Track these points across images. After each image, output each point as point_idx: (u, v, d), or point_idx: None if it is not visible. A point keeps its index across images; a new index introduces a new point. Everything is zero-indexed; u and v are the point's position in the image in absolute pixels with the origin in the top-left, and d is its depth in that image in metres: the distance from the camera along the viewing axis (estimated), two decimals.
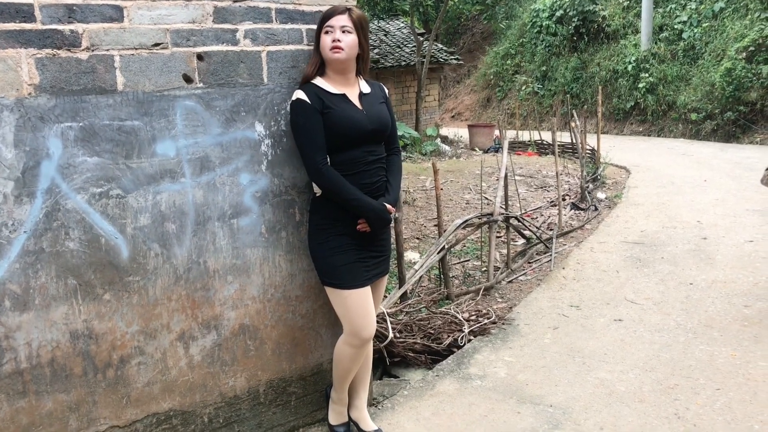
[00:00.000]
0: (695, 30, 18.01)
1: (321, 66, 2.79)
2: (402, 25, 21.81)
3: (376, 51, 18.80)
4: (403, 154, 15.23)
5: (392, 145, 2.98)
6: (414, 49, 18.93)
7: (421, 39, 18.63)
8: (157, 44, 2.57)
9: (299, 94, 2.72)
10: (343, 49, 2.73)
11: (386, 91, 3.01)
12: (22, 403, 2.43)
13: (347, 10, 2.74)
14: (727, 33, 16.82)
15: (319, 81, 2.78)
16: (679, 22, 18.60)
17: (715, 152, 13.36)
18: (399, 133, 15.74)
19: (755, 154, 13.05)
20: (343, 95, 2.77)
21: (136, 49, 2.53)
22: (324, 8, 2.86)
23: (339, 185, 2.73)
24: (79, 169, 2.44)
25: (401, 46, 19.94)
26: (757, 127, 15.38)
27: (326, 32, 2.73)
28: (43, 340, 2.44)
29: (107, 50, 2.46)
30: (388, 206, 2.85)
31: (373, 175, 2.83)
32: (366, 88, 2.89)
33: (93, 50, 2.43)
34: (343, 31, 2.72)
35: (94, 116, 2.46)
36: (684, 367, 3.88)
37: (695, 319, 4.62)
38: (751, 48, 15.29)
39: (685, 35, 18.26)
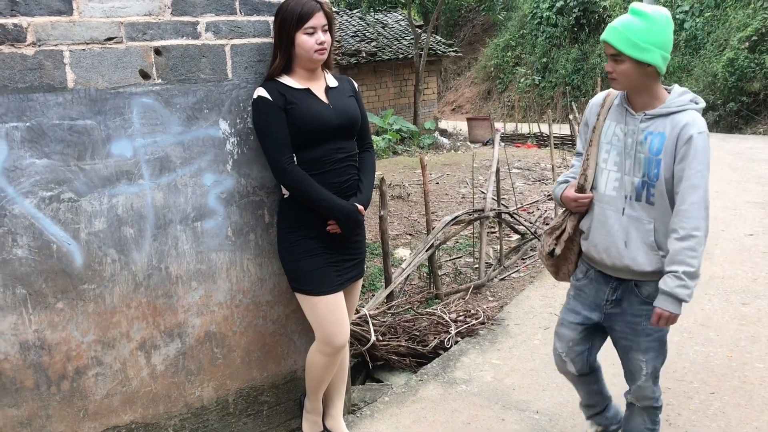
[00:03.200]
0: (697, 20, 17.79)
1: (286, 63, 2.64)
2: (400, 17, 21.60)
3: (373, 44, 18.62)
4: (400, 147, 15.08)
5: (364, 141, 2.84)
6: (412, 41, 18.72)
7: (419, 31, 18.43)
8: (110, 38, 2.43)
9: (260, 92, 2.58)
10: (326, 50, 2.61)
11: (355, 85, 2.86)
12: None
13: (319, 5, 2.58)
14: (730, 22, 16.59)
15: (282, 78, 2.63)
16: (680, 12, 18.37)
17: (717, 143, 13.15)
18: (396, 126, 15.58)
19: (758, 145, 12.87)
20: (307, 90, 2.63)
21: (88, 43, 2.38)
22: None
23: (306, 185, 2.58)
24: (26, 171, 2.31)
25: (399, 38, 19.75)
26: (760, 118, 15.19)
27: (308, 33, 2.57)
28: None
29: (55, 45, 2.32)
30: (359, 206, 2.71)
31: (343, 173, 2.69)
32: (333, 82, 2.74)
33: (40, 45, 2.29)
34: (324, 31, 2.58)
35: (42, 115, 2.32)
36: (677, 369, 3.74)
37: (691, 317, 4.47)
38: (754, 37, 15.09)
39: (686, 25, 18.03)
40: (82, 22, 2.36)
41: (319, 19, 2.57)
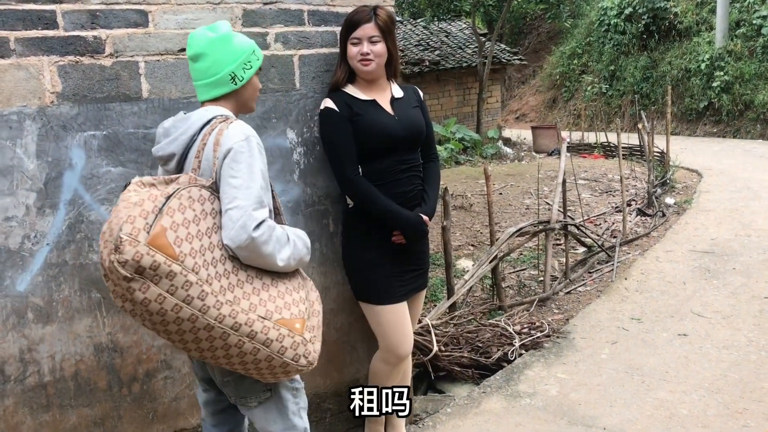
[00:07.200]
0: None
1: (350, 72, 2.65)
2: (464, 25, 21.51)
3: (437, 53, 18.62)
4: (463, 157, 14.99)
5: (429, 152, 2.82)
6: (476, 50, 18.63)
7: (483, 39, 18.32)
8: (183, 49, 2.49)
9: (327, 103, 2.60)
10: (373, 60, 2.59)
11: (421, 94, 2.85)
12: (45, 417, 2.39)
13: (373, 14, 2.57)
14: None
15: (348, 88, 2.64)
16: (758, 17, 17.64)
17: None
18: (459, 135, 15.50)
19: None
20: (373, 101, 2.63)
21: (162, 54, 2.46)
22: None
23: (371, 196, 2.59)
24: (103, 179, 2.39)
25: (463, 47, 19.66)
26: None
27: (353, 43, 2.58)
28: (66, 353, 2.40)
29: (132, 56, 2.40)
30: (424, 217, 2.69)
31: (408, 183, 2.68)
32: (398, 92, 2.73)
33: (117, 56, 2.37)
34: (372, 42, 2.58)
35: (118, 124, 2.40)
36: (755, 389, 3.57)
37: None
38: None
39: (764, 31, 17.30)
40: (157, 33, 2.43)
41: (365, 30, 2.56)
